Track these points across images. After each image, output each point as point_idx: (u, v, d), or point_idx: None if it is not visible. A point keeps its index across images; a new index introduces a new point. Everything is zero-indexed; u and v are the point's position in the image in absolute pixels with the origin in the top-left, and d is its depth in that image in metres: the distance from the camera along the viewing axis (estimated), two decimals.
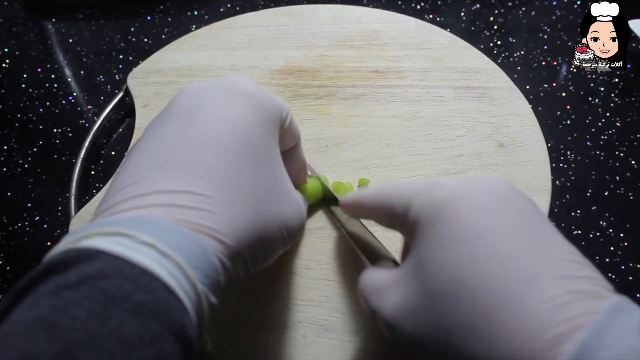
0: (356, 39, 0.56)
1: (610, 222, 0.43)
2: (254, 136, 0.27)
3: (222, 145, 0.26)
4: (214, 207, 0.24)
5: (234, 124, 0.27)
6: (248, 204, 0.26)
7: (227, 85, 0.29)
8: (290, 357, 0.34)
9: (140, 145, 0.27)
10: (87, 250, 0.20)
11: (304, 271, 0.38)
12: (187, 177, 0.24)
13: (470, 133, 0.46)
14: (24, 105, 0.55)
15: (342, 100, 0.50)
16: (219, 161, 0.25)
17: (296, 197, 0.31)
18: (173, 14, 0.65)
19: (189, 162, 0.25)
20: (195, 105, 0.27)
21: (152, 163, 0.25)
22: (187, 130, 0.26)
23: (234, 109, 0.28)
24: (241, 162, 0.26)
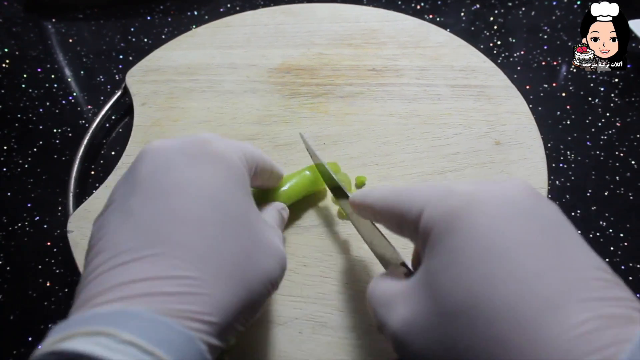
0: (354, 37, 0.56)
1: (610, 222, 0.43)
2: (228, 201, 0.26)
3: (197, 219, 0.25)
4: (197, 288, 0.23)
5: (205, 194, 0.26)
6: (231, 274, 0.25)
7: (191, 149, 0.28)
8: (287, 353, 0.34)
9: (110, 218, 0.26)
10: (69, 355, 0.20)
11: (301, 268, 0.38)
12: (166, 259, 0.23)
13: (467, 131, 0.47)
14: (24, 105, 0.55)
15: (340, 99, 0.50)
16: (196, 237, 0.24)
17: (277, 246, 0.29)
18: (173, 14, 0.65)
19: (166, 243, 0.24)
20: (162, 174, 0.26)
21: (129, 244, 0.24)
22: (158, 205, 0.25)
23: (202, 176, 0.26)
24: (219, 232, 0.25)
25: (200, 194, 0.26)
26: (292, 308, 0.36)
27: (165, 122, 0.49)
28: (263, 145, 0.47)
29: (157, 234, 0.24)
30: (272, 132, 0.48)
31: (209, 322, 0.23)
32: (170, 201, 0.25)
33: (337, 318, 0.35)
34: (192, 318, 0.23)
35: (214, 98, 0.51)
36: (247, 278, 0.26)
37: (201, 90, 0.52)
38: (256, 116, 0.49)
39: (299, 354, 0.34)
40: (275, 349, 0.34)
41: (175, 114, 0.50)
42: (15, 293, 0.41)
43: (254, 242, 0.27)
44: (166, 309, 0.22)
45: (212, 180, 0.27)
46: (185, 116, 0.50)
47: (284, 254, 0.30)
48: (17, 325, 0.39)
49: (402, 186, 0.28)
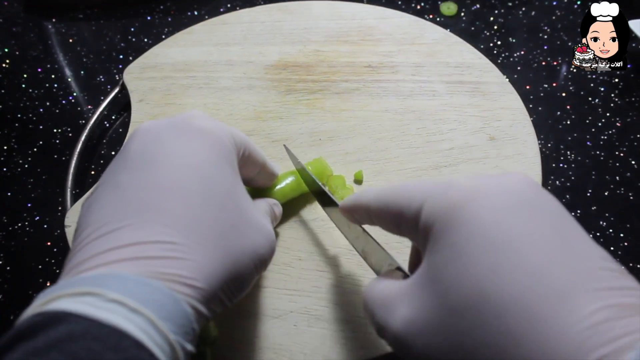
0: (350, 34, 0.56)
1: (610, 222, 0.43)
2: (213, 173, 0.27)
3: (183, 189, 0.25)
4: (182, 254, 0.24)
5: (191, 165, 0.26)
6: (216, 243, 0.25)
7: (180, 124, 0.28)
8: (282, 346, 0.34)
9: (99, 194, 0.26)
10: (55, 314, 0.20)
11: (296, 262, 0.38)
12: (152, 226, 0.24)
13: (462, 127, 0.47)
14: (24, 105, 0.55)
15: (336, 95, 0.50)
16: (181, 205, 0.25)
17: (264, 224, 0.30)
18: (173, 14, 0.65)
19: (152, 211, 0.24)
20: (150, 148, 0.27)
21: (115, 214, 0.24)
22: (146, 176, 0.26)
23: (189, 148, 0.27)
24: (204, 202, 0.26)
25: (186, 164, 0.26)
26: (287, 301, 0.36)
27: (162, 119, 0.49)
28: (259, 141, 0.47)
29: (142, 202, 0.25)
30: (268, 128, 0.48)
31: (194, 286, 0.23)
32: (156, 172, 0.26)
33: (332, 311, 0.35)
34: (177, 281, 0.23)
35: (211, 94, 0.51)
36: (233, 248, 0.26)
37: (198, 87, 0.52)
38: (253, 112, 0.49)
39: (294, 347, 0.34)
40: (270, 342, 0.34)
41: (172, 110, 0.50)
42: (15, 293, 0.41)
43: (241, 215, 0.28)
44: (152, 271, 0.23)
45: (198, 153, 0.27)
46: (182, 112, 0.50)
47: (272, 234, 0.30)
48: None
49: (397, 184, 0.27)
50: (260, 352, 0.34)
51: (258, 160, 0.34)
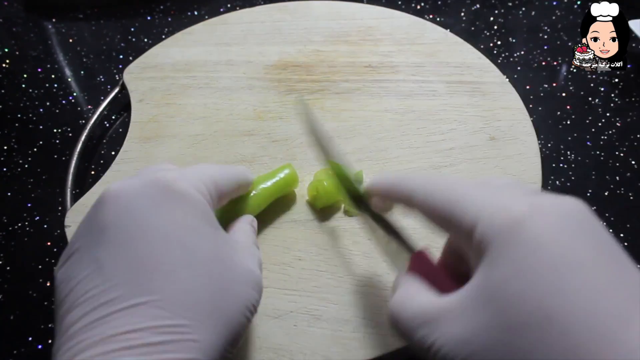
0: (350, 34, 0.56)
1: (610, 222, 0.43)
2: (195, 240, 0.26)
3: (168, 264, 0.25)
4: (179, 335, 0.23)
5: (172, 236, 0.26)
6: (211, 314, 0.25)
7: (153, 191, 0.27)
8: (282, 346, 0.34)
9: (77, 269, 0.25)
10: None
11: (296, 262, 0.38)
12: (144, 310, 0.23)
13: (462, 127, 0.47)
14: (24, 105, 0.55)
15: (336, 95, 0.50)
16: (170, 283, 0.24)
17: (248, 268, 0.29)
18: (173, 14, 0.65)
19: (141, 294, 0.24)
20: (125, 221, 0.26)
21: (101, 298, 0.24)
22: (126, 254, 0.25)
23: (167, 218, 0.26)
24: (192, 274, 0.25)
25: (167, 237, 0.25)
26: (287, 301, 0.36)
27: (162, 119, 0.49)
28: (259, 141, 0.47)
29: (131, 284, 0.24)
30: (268, 128, 0.48)
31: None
32: (137, 248, 0.25)
33: (332, 311, 0.35)
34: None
35: (211, 94, 0.51)
36: (226, 313, 0.25)
37: (198, 87, 0.52)
38: (252, 112, 0.49)
39: (294, 347, 0.34)
40: (270, 342, 0.34)
41: (172, 110, 0.50)
42: (15, 293, 0.41)
43: (229, 275, 0.27)
44: (153, 359, 0.22)
45: (176, 221, 0.26)
46: (182, 112, 0.50)
47: (259, 280, 0.29)
48: (17, 325, 0.39)
49: (449, 180, 0.26)
50: (260, 352, 0.34)
51: (232, 189, 0.33)
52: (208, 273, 0.26)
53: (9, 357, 0.37)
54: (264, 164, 0.45)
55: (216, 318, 0.25)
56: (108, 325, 0.23)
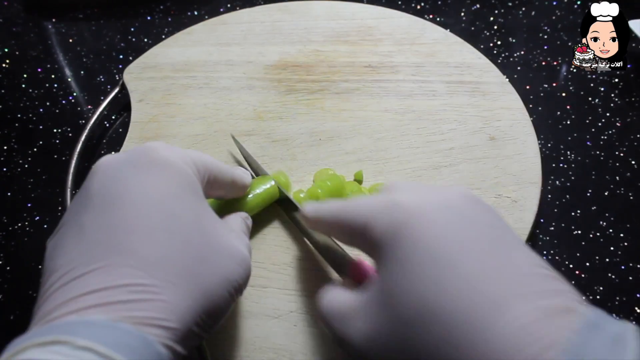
0: (350, 34, 0.56)
1: (610, 222, 0.43)
2: (177, 207, 0.27)
3: (147, 227, 0.25)
4: (152, 295, 0.24)
5: (154, 201, 0.26)
6: (187, 279, 0.25)
7: (139, 159, 0.28)
8: (282, 346, 0.34)
9: (63, 237, 0.26)
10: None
11: (296, 262, 0.38)
12: (119, 269, 0.24)
13: (462, 127, 0.47)
14: (24, 105, 0.55)
15: (336, 95, 0.50)
16: (147, 245, 0.25)
17: (236, 248, 0.29)
18: (173, 14, 0.65)
19: (118, 253, 0.24)
20: (110, 187, 0.26)
21: (80, 258, 0.24)
22: (108, 217, 0.25)
23: (150, 184, 0.27)
24: (170, 238, 0.25)
25: (148, 201, 0.26)
26: (287, 301, 0.36)
27: (162, 119, 0.49)
28: (259, 141, 0.47)
29: (107, 245, 0.24)
30: (268, 128, 0.48)
31: (166, 327, 0.23)
32: (118, 212, 0.25)
33: None
34: (149, 324, 0.23)
35: (211, 94, 0.51)
36: (204, 281, 0.26)
37: (198, 87, 0.52)
38: (252, 112, 0.49)
39: (294, 347, 0.34)
40: (270, 342, 0.34)
41: (172, 110, 0.50)
42: (15, 293, 0.41)
43: (210, 245, 0.27)
44: (122, 316, 0.22)
45: (159, 187, 0.27)
46: (182, 112, 0.50)
47: (246, 257, 0.29)
48: (17, 325, 0.39)
49: (349, 200, 0.29)
50: (260, 352, 0.34)
51: (225, 180, 0.34)
52: (187, 240, 0.26)
53: None
54: (264, 164, 0.45)
55: (192, 284, 0.25)
56: (82, 284, 0.23)
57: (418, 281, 0.22)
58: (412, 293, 0.22)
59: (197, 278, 0.25)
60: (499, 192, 0.42)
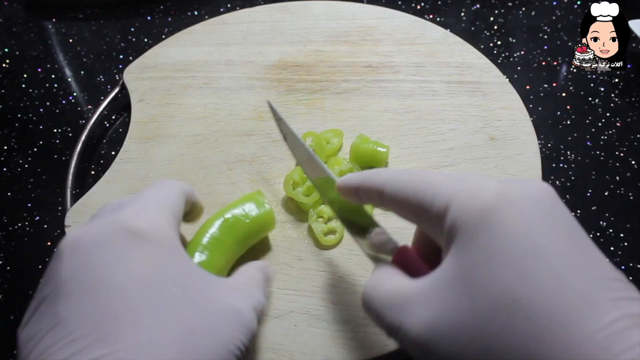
0: (350, 34, 0.56)
1: (610, 222, 0.43)
2: (162, 282, 0.25)
3: (130, 312, 0.24)
4: None
5: (137, 282, 0.24)
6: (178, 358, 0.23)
7: (112, 236, 0.26)
8: (282, 346, 0.34)
9: (38, 330, 0.24)
10: None
11: (297, 262, 0.38)
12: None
13: (462, 127, 0.47)
14: (24, 105, 0.55)
15: (336, 95, 0.50)
16: (132, 331, 0.23)
17: (236, 308, 0.27)
18: (173, 14, 0.65)
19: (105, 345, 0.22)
20: (85, 272, 0.24)
21: (63, 354, 0.22)
22: (88, 306, 0.23)
23: (130, 263, 0.25)
24: (155, 319, 0.24)
25: (131, 284, 0.24)
26: (287, 301, 0.36)
27: (162, 118, 0.49)
28: (259, 141, 0.47)
29: (93, 337, 0.23)
30: (268, 128, 0.48)
31: None
32: (98, 300, 0.24)
33: (332, 311, 0.35)
34: None
35: (211, 94, 0.51)
36: (200, 355, 0.24)
37: (198, 87, 0.52)
38: (252, 112, 0.49)
39: (294, 347, 0.34)
40: (270, 342, 0.34)
41: (172, 110, 0.50)
42: (15, 293, 0.41)
43: (201, 315, 0.26)
44: None
45: (141, 266, 0.25)
46: (182, 112, 0.50)
47: (244, 317, 0.27)
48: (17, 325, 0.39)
49: (417, 172, 0.26)
50: (260, 352, 0.34)
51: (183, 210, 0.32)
52: (175, 317, 0.24)
53: (9, 357, 0.37)
54: (263, 164, 0.45)
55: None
56: None
57: (503, 270, 0.21)
58: (496, 281, 0.21)
59: (192, 355, 0.24)
60: None
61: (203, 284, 0.27)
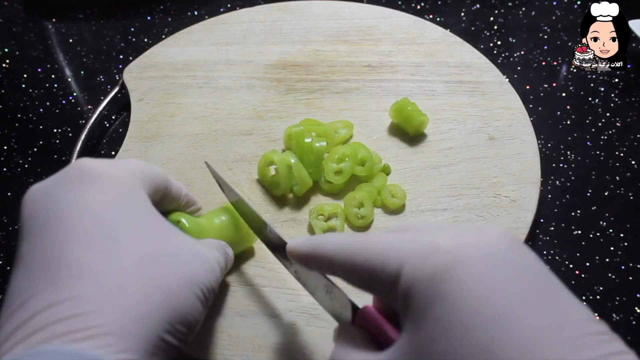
0: (350, 34, 0.56)
1: (610, 222, 0.43)
2: (118, 213, 0.26)
3: (85, 239, 0.24)
4: (95, 306, 0.22)
5: (89, 213, 0.25)
6: (141, 283, 0.24)
7: (67, 178, 0.27)
8: (281, 344, 0.34)
9: (11, 276, 0.25)
10: None
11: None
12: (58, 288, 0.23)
13: (461, 126, 0.47)
14: (24, 105, 0.55)
15: (335, 94, 0.50)
16: (87, 256, 0.24)
17: (198, 250, 0.28)
18: (173, 14, 0.65)
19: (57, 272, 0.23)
20: (41, 212, 0.26)
21: (22, 287, 0.23)
22: (42, 240, 0.24)
23: (83, 198, 0.26)
24: (113, 244, 0.24)
25: (83, 215, 0.25)
26: (285, 300, 0.36)
27: (162, 118, 0.49)
28: (259, 141, 0.47)
29: (47, 266, 0.24)
30: (268, 128, 0.48)
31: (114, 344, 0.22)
32: (52, 232, 0.24)
33: None
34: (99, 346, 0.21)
35: (211, 94, 0.51)
36: (163, 283, 0.25)
37: (198, 86, 0.52)
38: (252, 112, 0.49)
39: (293, 346, 0.34)
40: (269, 341, 0.34)
41: (172, 109, 0.50)
42: None
43: (165, 245, 0.26)
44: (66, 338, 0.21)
45: (94, 199, 0.26)
46: (182, 112, 0.50)
47: (209, 257, 0.28)
48: None
49: (365, 238, 0.25)
50: (259, 351, 0.34)
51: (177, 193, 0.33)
52: (135, 244, 0.25)
53: None
54: None
55: (149, 287, 0.24)
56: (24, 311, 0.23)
57: (463, 345, 0.19)
58: (454, 357, 0.19)
59: (155, 281, 0.24)
60: (498, 191, 0.42)
61: (165, 224, 0.28)
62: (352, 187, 0.42)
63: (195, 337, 0.34)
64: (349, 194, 0.41)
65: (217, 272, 0.28)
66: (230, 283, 0.37)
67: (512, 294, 0.20)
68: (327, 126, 0.45)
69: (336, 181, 0.41)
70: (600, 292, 0.39)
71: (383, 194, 0.41)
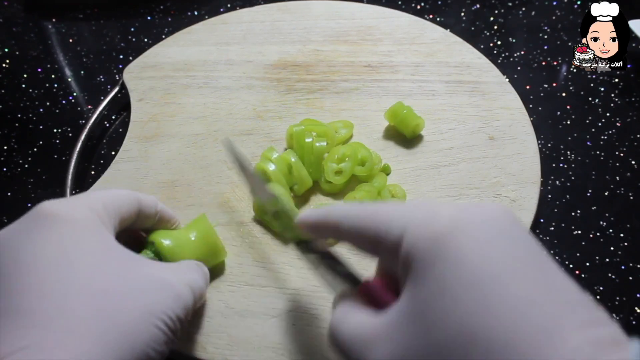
0: (350, 34, 0.56)
1: (610, 222, 0.43)
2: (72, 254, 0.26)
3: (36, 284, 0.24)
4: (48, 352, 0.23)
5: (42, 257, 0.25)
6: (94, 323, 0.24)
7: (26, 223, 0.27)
8: (281, 345, 0.34)
9: None
10: None
11: (296, 261, 0.38)
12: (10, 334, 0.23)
13: (461, 126, 0.47)
14: (24, 105, 0.55)
15: (335, 94, 0.50)
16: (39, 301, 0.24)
17: (160, 277, 0.28)
18: (173, 14, 0.65)
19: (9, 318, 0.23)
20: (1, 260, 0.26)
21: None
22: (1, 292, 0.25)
23: (37, 242, 0.26)
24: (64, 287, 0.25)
25: (36, 259, 0.25)
26: (286, 300, 0.36)
27: (161, 118, 0.49)
28: (259, 141, 0.47)
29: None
30: (268, 128, 0.48)
31: None
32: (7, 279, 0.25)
33: (330, 310, 0.35)
34: None
35: (211, 94, 0.51)
36: (118, 321, 0.25)
37: (198, 87, 0.52)
38: (252, 112, 0.49)
39: (293, 346, 0.34)
40: (269, 341, 0.34)
41: (172, 109, 0.50)
42: None
43: (121, 281, 0.26)
44: None
45: (48, 243, 0.26)
46: (182, 112, 0.50)
47: (178, 287, 0.28)
48: None
49: (371, 205, 0.26)
50: (259, 351, 0.34)
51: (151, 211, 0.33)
52: (86, 283, 0.25)
53: None
54: None
55: (103, 326, 0.24)
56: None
57: (459, 303, 0.20)
58: (451, 315, 0.20)
59: (109, 320, 0.24)
60: (498, 191, 0.42)
61: (125, 258, 0.28)
62: (352, 187, 0.42)
63: (195, 337, 0.34)
64: (349, 194, 0.41)
65: (185, 298, 0.28)
66: (231, 284, 0.37)
67: (507, 260, 0.21)
68: (327, 126, 0.45)
69: (336, 181, 0.41)
70: (600, 292, 0.39)
71: (383, 194, 0.41)
